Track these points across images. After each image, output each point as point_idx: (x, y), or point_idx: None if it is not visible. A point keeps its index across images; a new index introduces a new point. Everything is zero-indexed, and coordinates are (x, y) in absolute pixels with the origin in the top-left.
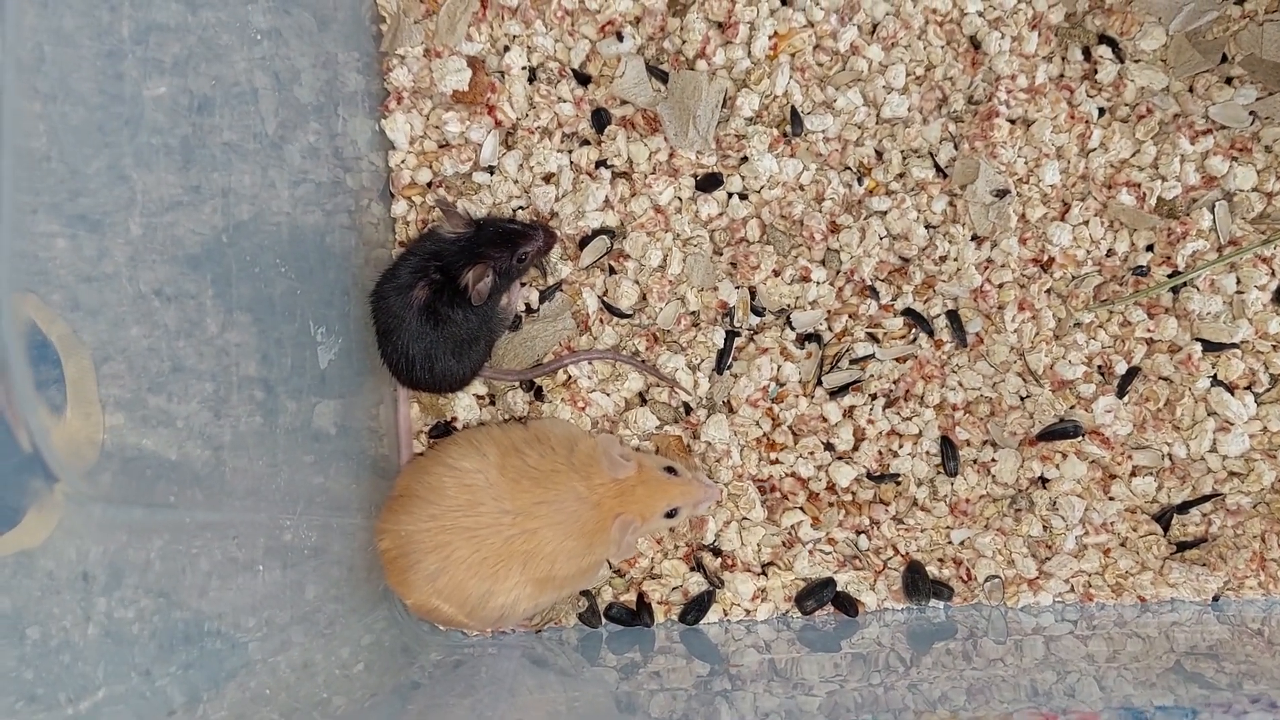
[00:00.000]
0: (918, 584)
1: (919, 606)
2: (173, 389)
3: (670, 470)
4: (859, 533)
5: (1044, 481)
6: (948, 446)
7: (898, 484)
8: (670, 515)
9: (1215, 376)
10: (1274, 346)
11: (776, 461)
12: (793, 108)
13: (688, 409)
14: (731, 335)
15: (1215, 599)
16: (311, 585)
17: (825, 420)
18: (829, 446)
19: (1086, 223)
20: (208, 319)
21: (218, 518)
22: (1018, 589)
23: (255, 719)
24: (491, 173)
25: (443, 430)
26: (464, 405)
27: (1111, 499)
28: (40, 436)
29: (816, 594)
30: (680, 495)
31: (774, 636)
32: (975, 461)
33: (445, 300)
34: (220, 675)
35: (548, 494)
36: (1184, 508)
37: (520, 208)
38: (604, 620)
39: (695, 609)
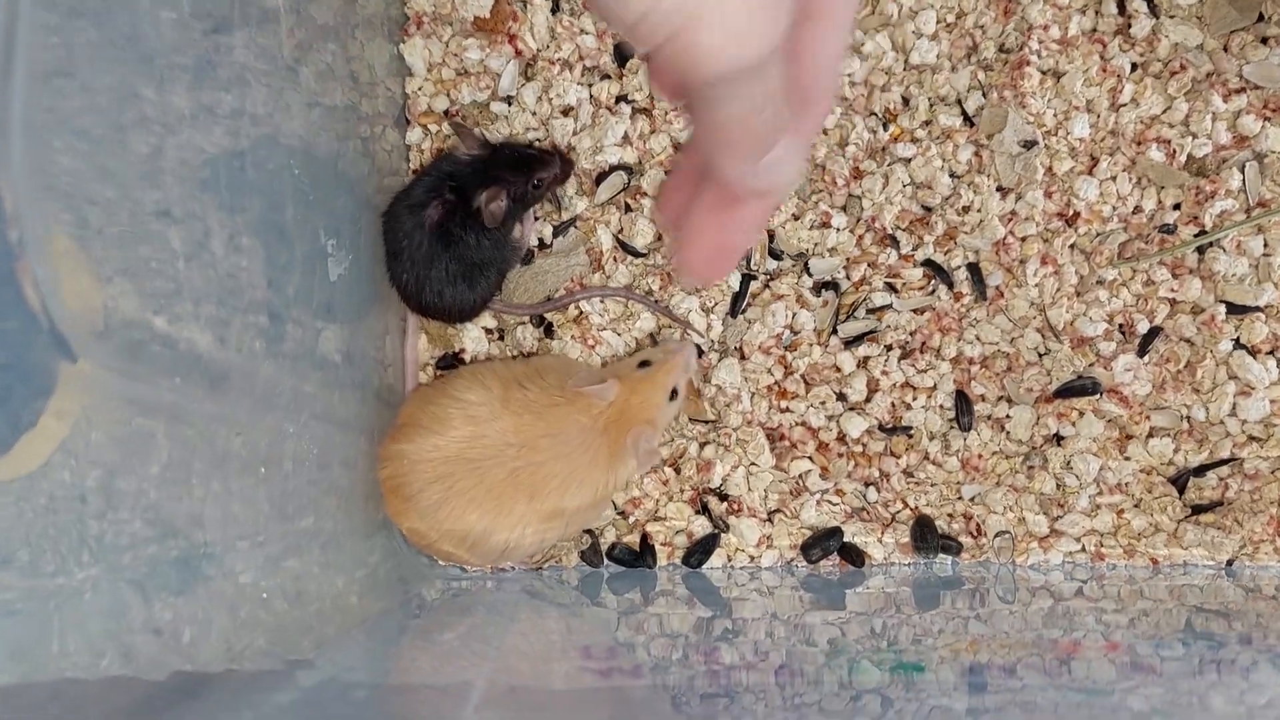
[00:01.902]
0: (926, 538)
1: (927, 561)
2: (179, 310)
3: (644, 364)
4: (868, 485)
5: (1059, 439)
6: (962, 401)
7: (910, 437)
8: (672, 399)
9: (1238, 339)
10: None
11: (787, 410)
12: None
13: (700, 352)
14: (747, 279)
15: (1229, 563)
16: (308, 513)
17: (839, 370)
18: (841, 396)
19: (1114, 178)
20: (214, 241)
21: (222, 409)
22: (1027, 546)
23: (242, 645)
24: (510, 103)
25: (450, 362)
26: (473, 337)
27: (1127, 459)
28: (49, 296)
29: (823, 543)
30: (669, 377)
31: (778, 583)
32: (990, 417)
33: (458, 222)
34: (210, 601)
35: (551, 427)
36: (1201, 470)
37: (537, 140)
38: (606, 560)
39: (699, 552)
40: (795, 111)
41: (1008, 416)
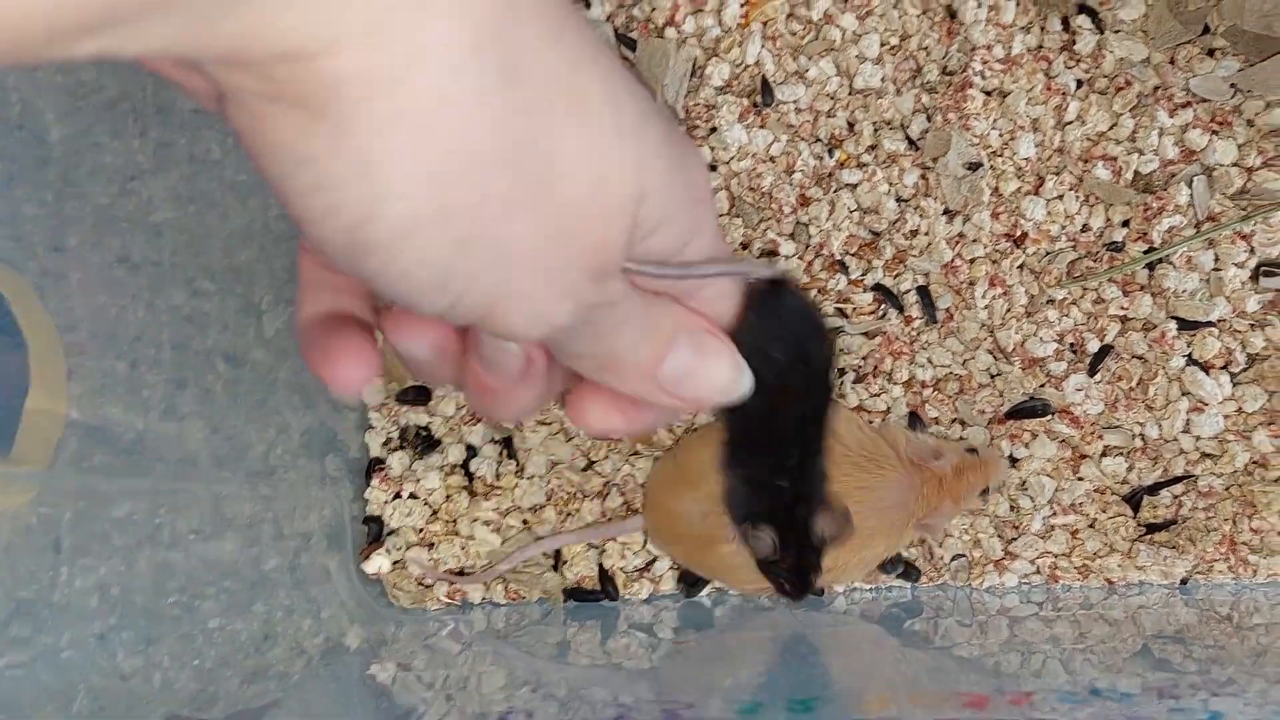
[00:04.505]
0: (884, 563)
1: (885, 586)
2: (137, 356)
3: (972, 450)
4: None
5: (1014, 461)
6: (916, 423)
7: None
8: (984, 494)
9: (1190, 355)
10: (1251, 325)
11: None
12: (764, 77)
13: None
14: None
15: (1183, 582)
16: (272, 556)
17: None
18: None
19: (1061, 197)
20: (171, 286)
21: (181, 487)
22: (983, 570)
23: (213, 689)
24: None
25: (413, 397)
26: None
27: (1080, 479)
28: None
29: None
30: (994, 478)
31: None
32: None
33: None
34: (180, 647)
35: (870, 481)
36: (1154, 489)
37: None
38: (565, 597)
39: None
40: (690, 295)
41: (961, 439)
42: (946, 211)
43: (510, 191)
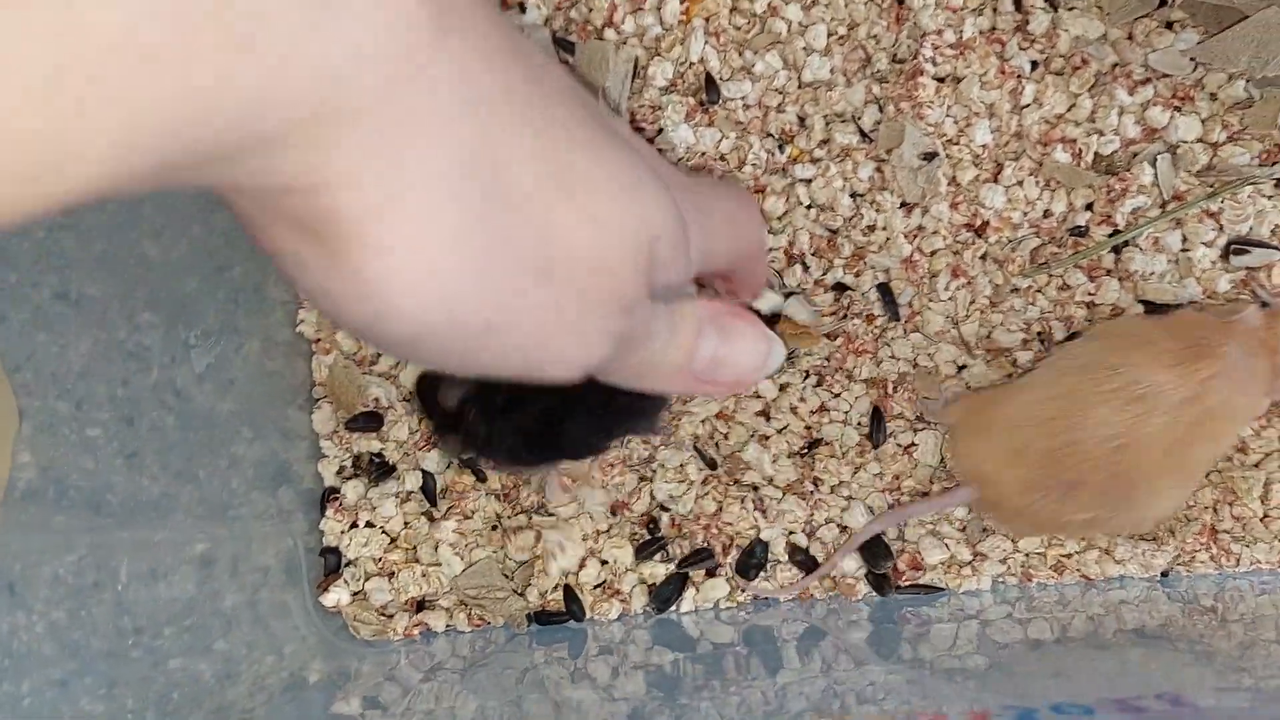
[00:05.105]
0: (877, 554)
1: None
2: (82, 394)
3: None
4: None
5: None
6: (879, 421)
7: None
8: None
9: None
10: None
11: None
12: (708, 74)
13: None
14: None
15: (1164, 574)
16: (230, 593)
17: (759, 396)
18: (765, 438)
19: (1021, 183)
20: (115, 320)
21: (134, 525)
22: (959, 572)
23: None
24: None
25: (362, 424)
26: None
27: None
28: None
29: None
30: None
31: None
32: (903, 442)
33: None
34: (143, 689)
35: (1213, 368)
36: None
37: None
38: (529, 621)
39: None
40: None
41: (913, 444)
42: (904, 204)
43: (517, 280)
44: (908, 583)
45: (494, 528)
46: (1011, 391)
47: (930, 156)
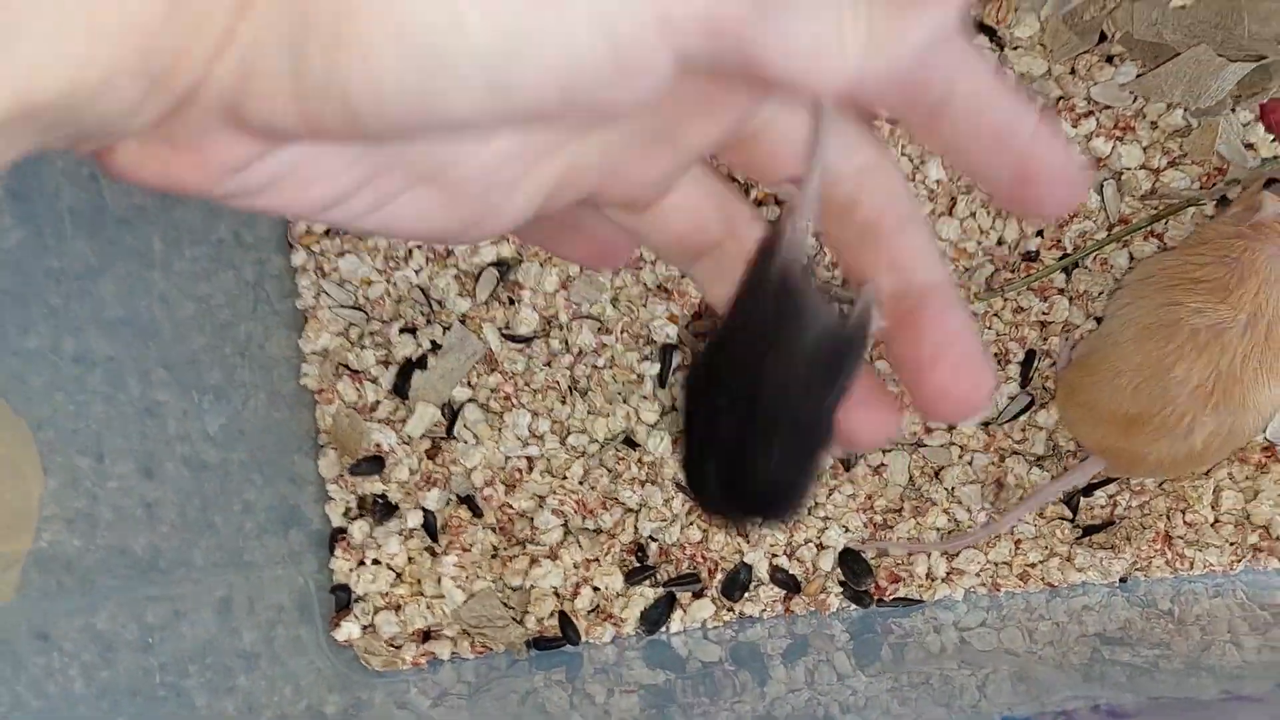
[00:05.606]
0: (856, 569)
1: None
2: (102, 449)
3: (1272, 181)
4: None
5: (937, 473)
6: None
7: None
8: None
9: None
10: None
11: None
12: None
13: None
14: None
15: (1123, 580)
16: (248, 631)
17: None
18: None
19: (974, 214)
20: (129, 379)
21: (155, 579)
22: (933, 584)
23: None
24: None
25: (365, 469)
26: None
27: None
28: None
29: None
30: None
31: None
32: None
33: None
34: None
35: (1256, 278)
36: (1089, 490)
37: (417, 246)
38: (527, 648)
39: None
40: None
41: (883, 463)
42: None
43: None
44: (889, 596)
45: (493, 556)
46: (1097, 377)
47: None
